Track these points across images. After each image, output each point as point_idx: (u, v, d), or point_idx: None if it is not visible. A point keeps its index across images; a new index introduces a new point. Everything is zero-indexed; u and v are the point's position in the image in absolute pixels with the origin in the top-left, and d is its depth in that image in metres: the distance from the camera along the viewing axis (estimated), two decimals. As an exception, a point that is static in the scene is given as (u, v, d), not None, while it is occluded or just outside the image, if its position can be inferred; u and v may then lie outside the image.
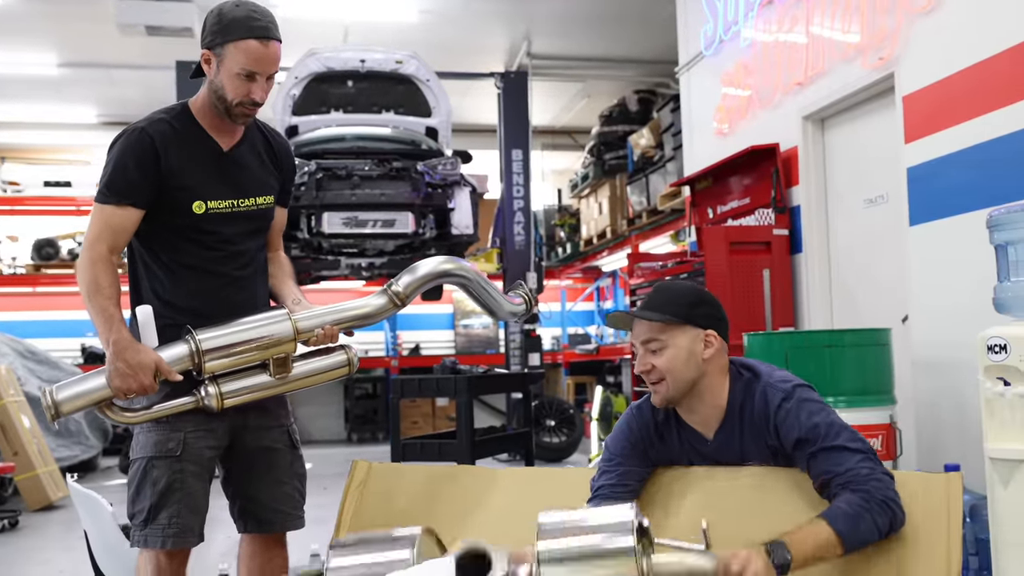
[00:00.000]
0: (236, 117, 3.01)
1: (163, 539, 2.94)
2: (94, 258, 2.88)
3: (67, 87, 13.15)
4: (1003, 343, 3.57)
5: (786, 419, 2.61)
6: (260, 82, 2.95)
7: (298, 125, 9.83)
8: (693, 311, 2.71)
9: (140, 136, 2.95)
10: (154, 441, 2.99)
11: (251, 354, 2.94)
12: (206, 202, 3.00)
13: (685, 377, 2.67)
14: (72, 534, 6.66)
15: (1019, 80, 4.71)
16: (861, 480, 2.42)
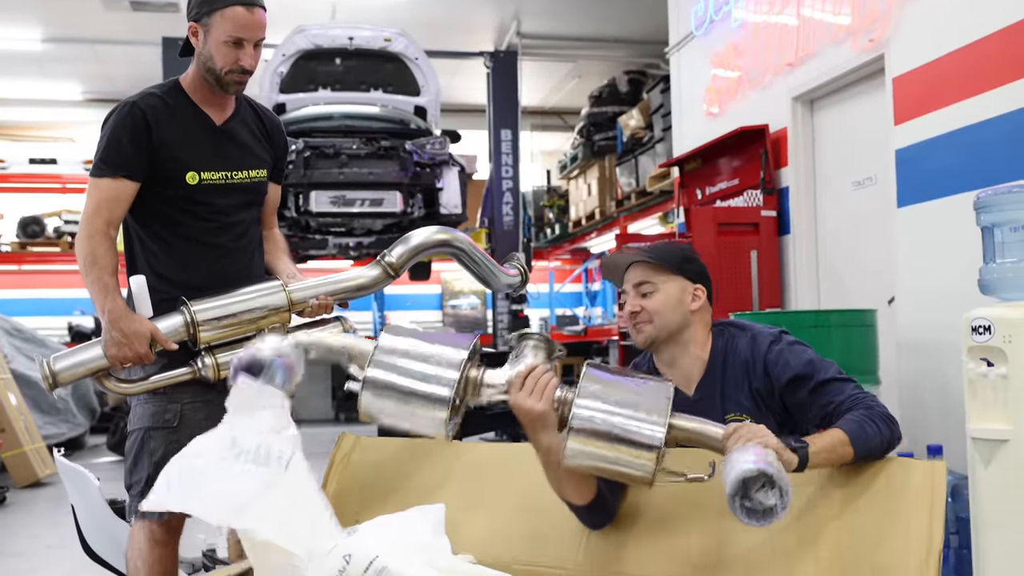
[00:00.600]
0: (228, 86, 3.03)
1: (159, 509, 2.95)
2: (91, 232, 2.91)
3: (51, 63, 13.07)
4: (987, 324, 3.59)
5: (778, 359, 2.68)
6: (248, 49, 2.99)
7: (285, 103, 9.79)
8: (685, 264, 2.82)
9: (132, 110, 2.98)
10: (151, 412, 3.02)
11: (246, 325, 2.97)
12: (199, 173, 3.03)
13: (670, 321, 2.76)
14: (59, 510, 6.66)
15: (1009, 62, 4.72)
16: (860, 402, 2.51)
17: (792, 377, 2.64)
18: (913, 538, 2.29)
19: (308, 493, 2.12)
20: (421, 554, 2.02)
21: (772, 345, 2.71)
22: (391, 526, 2.13)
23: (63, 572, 4.98)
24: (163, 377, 2.97)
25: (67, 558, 5.16)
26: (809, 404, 2.63)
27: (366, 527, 2.11)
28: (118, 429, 9.24)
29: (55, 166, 15.36)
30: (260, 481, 2.06)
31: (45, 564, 5.23)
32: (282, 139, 3.34)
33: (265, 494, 2.04)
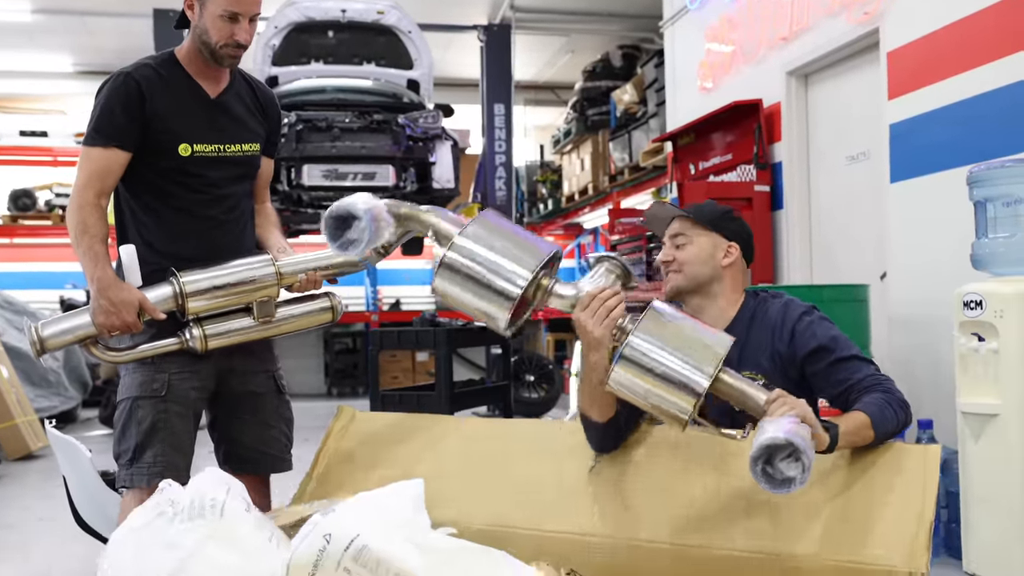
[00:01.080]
0: (222, 60, 3.03)
1: (148, 477, 2.95)
2: (82, 203, 2.92)
3: (42, 34, 12.98)
4: (979, 299, 3.60)
5: (807, 328, 2.74)
6: (243, 23, 2.99)
7: (278, 76, 9.74)
8: (721, 221, 2.90)
9: (126, 80, 2.98)
10: (139, 382, 3.02)
11: (234, 297, 2.97)
12: (192, 145, 3.03)
13: (699, 273, 2.85)
14: (51, 482, 6.66)
15: (1004, 36, 4.71)
16: (879, 384, 2.58)
17: (816, 347, 2.70)
18: (905, 514, 2.30)
19: (247, 531, 2.15)
20: (401, 531, 2.02)
21: (804, 315, 2.78)
22: (371, 503, 2.13)
23: (55, 544, 4.99)
24: (151, 347, 2.97)
25: (59, 530, 5.16)
26: (827, 377, 2.68)
27: (346, 505, 2.11)
28: (110, 402, 9.23)
29: (46, 139, 15.29)
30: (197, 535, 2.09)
31: (37, 536, 5.24)
32: (276, 113, 3.33)
33: (204, 546, 2.07)
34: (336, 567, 1.95)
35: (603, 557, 2.50)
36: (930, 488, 2.33)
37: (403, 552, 1.96)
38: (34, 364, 9.18)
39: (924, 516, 2.27)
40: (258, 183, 3.30)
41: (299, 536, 2.04)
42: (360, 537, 1.96)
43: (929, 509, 2.28)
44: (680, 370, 2.25)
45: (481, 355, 11.98)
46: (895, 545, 2.24)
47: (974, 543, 3.68)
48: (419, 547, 1.99)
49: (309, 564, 1.97)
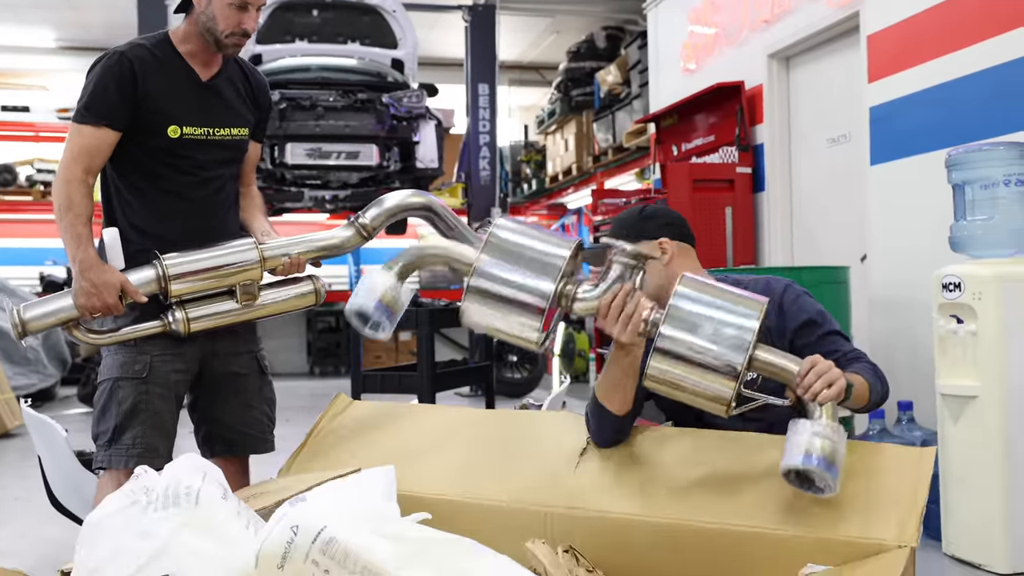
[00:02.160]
0: (226, 47, 3.05)
1: (127, 459, 2.95)
2: (68, 178, 2.91)
3: (25, 9, 12.87)
4: (957, 281, 3.62)
5: (795, 302, 2.77)
6: (251, 12, 3.01)
7: (262, 54, 9.70)
8: (641, 226, 2.88)
9: (120, 59, 2.97)
10: (120, 363, 3.01)
11: (216, 280, 2.97)
12: (181, 127, 3.03)
13: (651, 284, 2.81)
14: (27, 462, 6.63)
15: (983, 20, 4.72)
16: (861, 357, 2.67)
17: (806, 320, 2.73)
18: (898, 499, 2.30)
19: (224, 519, 2.14)
20: (369, 522, 2.01)
21: (789, 289, 2.81)
22: (340, 493, 2.13)
23: (30, 524, 4.97)
24: (133, 329, 2.97)
25: (34, 510, 5.15)
26: (817, 348, 2.66)
27: (315, 494, 2.10)
28: (89, 380, 9.21)
29: (28, 114, 15.17)
30: (173, 523, 2.08)
31: (12, 516, 5.22)
32: (266, 99, 3.35)
33: (180, 534, 2.07)
34: (304, 559, 1.94)
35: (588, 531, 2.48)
36: (923, 482, 2.34)
37: (370, 543, 1.95)
38: (13, 342, 9.13)
39: (916, 502, 2.28)
40: (245, 167, 3.30)
41: (267, 526, 2.03)
42: (327, 529, 1.95)
43: (921, 497, 2.29)
44: (716, 353, 2.27)
45: (464, 335, 11.98)
46: (886, 522, 2.25)
47: (953, 524, 3.72)
48: (387, 538, 1.98)
49: (278, 556, 1.96)
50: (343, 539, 1.95)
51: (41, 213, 14.12)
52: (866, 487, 2.35)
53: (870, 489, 2.34)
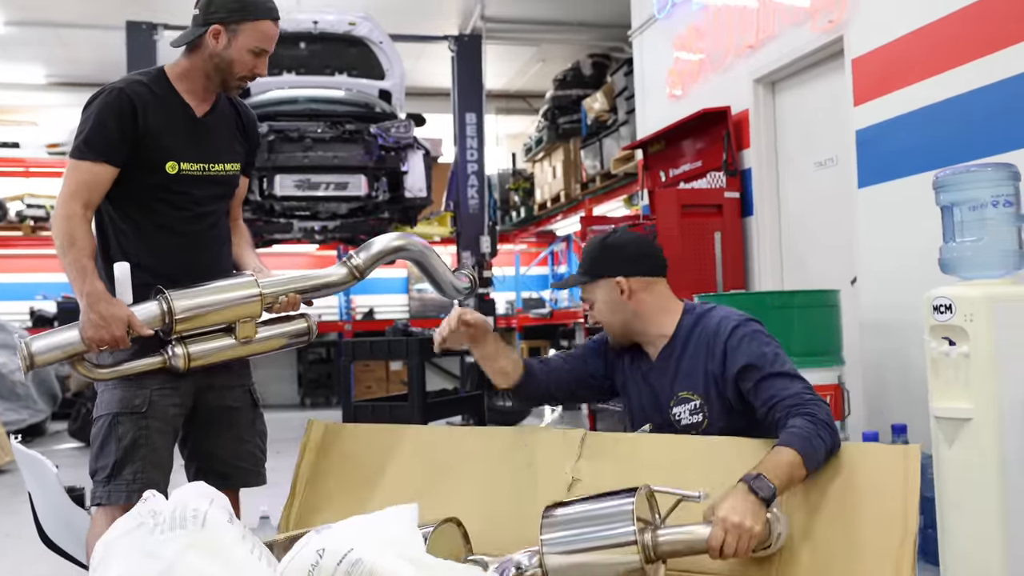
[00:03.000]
0: (232, 88, 3.12)
1: (127, 494, 2.93)
2: (68, 214, 2.92)
3: (15, 46, 12.89)
4: (948, 303, 3.62)
5: (739, 345, 2.72)
6: (265, 58, 3.09)
7: (250, 87, 9.70)
8: (598, 264, 2.93)
9: (120, 95, 2.98)
10: (119, 397, 3.00)
11: (219, 316, 2.99)
12: (179, 163, 3.05)
13: (615, 321, 2.91)
14: (17, 498, 6.59)
15: (967, 42, 4.75)
16: (805, 404, 2.53)
17: (744, 365, 2.69)
18: (888, 522, 2.31)
19: (230, 537, 2.13)
20: (394, 547, 2.02)
21: (736, 330, 2.76)
22: (365, 523, 2.14)
23: (20, 561, 4.93)
24: (135, 365, 2.96)
25: (24, 547, 5.10)
26: (756, 394, 2.66)
27: (339, 525, 2.12)
28: (80, 415, 9.16)
29: (18, 150, 15.14)
30: (179, 544, 2.07)
31: (2, 552, 5.18)
32: (256, 135, 3.38)
33: (185, 555, 2.06)
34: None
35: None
36: (912, 493, 2.33)
37: (396, 567, 1.96)
38: (3, 377, 9.10)
39: (908, 526, 2.27)
40: (233, 200, 3.32)
41: (291, 552, 2.04)
42: (353, 551, 1.96)
43: (912, 518, 2.28)
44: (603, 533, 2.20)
45: (455, 364, 11.96)
46: (880, 560, 2.25)
47: (950, 549, 3.69)
48: (412, 563, 1.99)
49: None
50: (369, 561, 1.95)
51: (32, 248, 14.06)
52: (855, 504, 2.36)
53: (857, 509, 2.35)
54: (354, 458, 3.09)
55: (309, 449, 3.15)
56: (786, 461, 2.34)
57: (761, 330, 2.78)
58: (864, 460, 2.46)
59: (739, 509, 2.20)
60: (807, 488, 2.43)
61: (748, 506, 2.21)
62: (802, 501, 2.41)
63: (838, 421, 4.79)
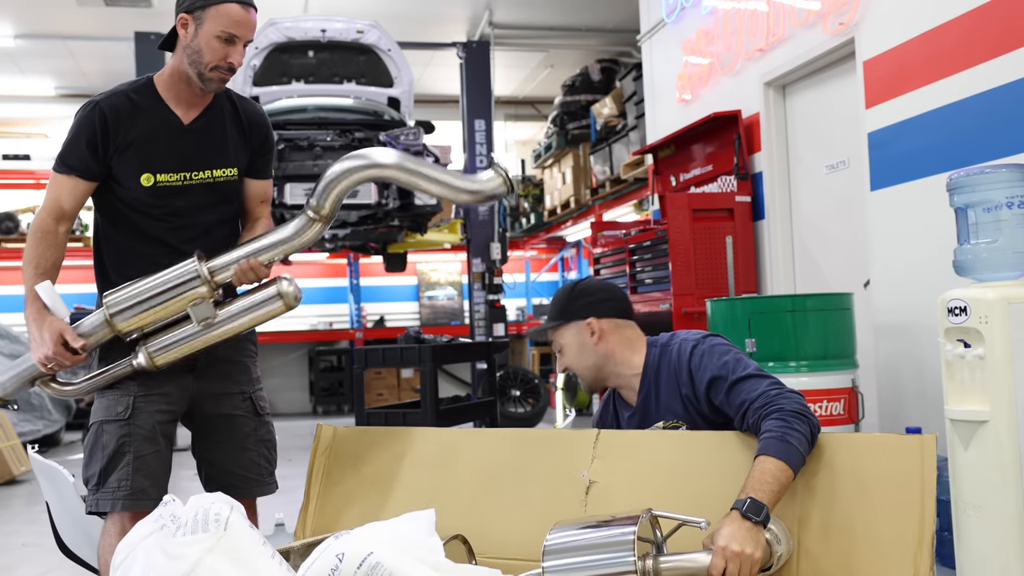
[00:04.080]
0: (209, 82, 3.00)
1: (113, 501, 2.94)
2: (35, 227, 2.96)
3: (24, 59, 12.96)
4: (963, 305, 3.60)
5: (700, 363, 2.76)
6: (238, 47, 2.99)
7: (259, 96, 9.74)
8: (568, 308, 2.97)
9: (93, 111, 2.97)
10: (104, 406, 3.01)
11: (162, 307, 2.91)
12: (155, 175, 3.00)
13: (586, 364, 2.95)
14: (34, 507, 6.62)
15: (978, 43, 4.74)
16: (773, 399, 2.54)
17: (710, 379, 2.72)
18: (906, 513, 2.31)
19: (252, 544, 2.14)
20: (414, 551, 2.02)
21: (695, 350, 2.80)
22: (384, 528, 2.15)
23: (39, 570, 4.94)
24: (102, 375, 2.98)
25: (42, 555, 5.13)
26: (728, 404, 2.68)
27: (358, 530, 2.12)
28: (93, 426, 9.17)
29: (28, 162, 15.22)
30: (200, 547, 2.08)
31: (20, 562, 5.19)
32: (261, 131, 3.24)
33: (205, 558, 2.06)
34: None
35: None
36: (928, 486, 2.33)
37: (415, 570, 1.96)
38: (16, 389, 9.11)
39: (924, 526, 2.27)
40: (248, 203, 3.25)
41: (311, 557, 2.05)
42: (373, 555, 1.98)
43: (930, 514, 2.28)
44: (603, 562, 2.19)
45: (467, 371, 11.98)
46: (897, 564, 2.25)
47: (966, 552, 3.68)
48: (431, 567, 1.99)
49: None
50: (389, 565, 1.96)
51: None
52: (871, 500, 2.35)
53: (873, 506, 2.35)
54: (365, 462, 3.09)
55: (319, 454, 3.15)
56: (770, 472, 2.35)
57: (719, 343, 2.81)
58: (880, 451, 2.45)
59: (738, 537, 2.21)
60: (823, 481, 2.44)
61: (744, 532, 2.22)
62: (818, 494, 2.41)
63: (852, 425, 4.78)
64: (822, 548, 2.39)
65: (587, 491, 2.72)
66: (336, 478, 3.07)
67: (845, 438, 2.51)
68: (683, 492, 2.59)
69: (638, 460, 2.73)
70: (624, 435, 2.81)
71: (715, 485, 2.56)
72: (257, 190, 3.26)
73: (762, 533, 2.24)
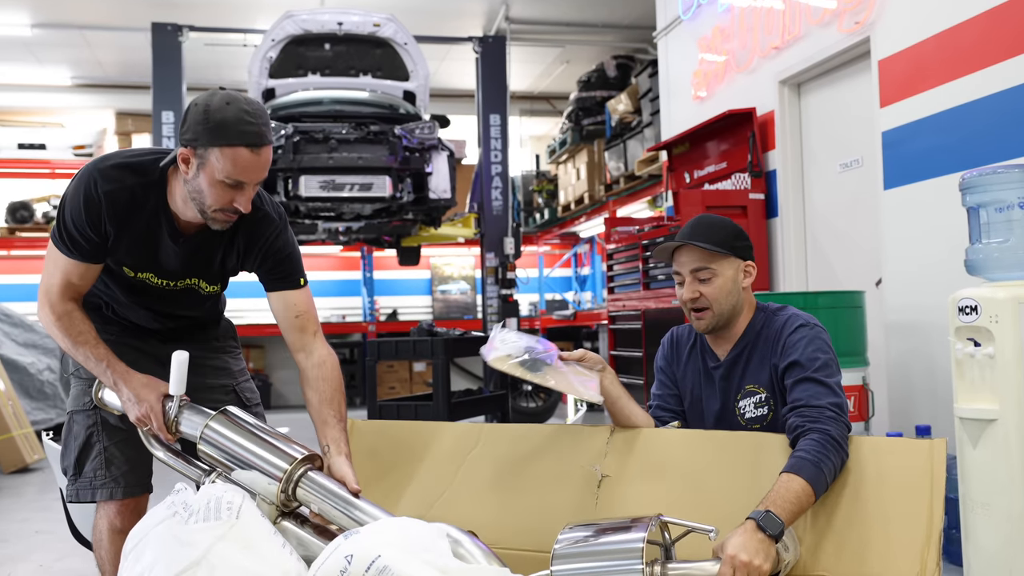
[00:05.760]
0: (213, 221, 2.71)
1: (92, 491, 2.94)
2: (59, 313, 2.80)
3: (41, 48, 13.01)
4: (974, 304, 3.61)
5: (796, 342, 2.74)
6: (246, 190, 2.65)
7: (275, 88, 9.78)
8: (736, 243, 2.89)
9: (90, 195, 2.69)
10: (74, 396, 3.01)
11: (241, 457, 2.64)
12: (137, 273, 2.86)
13: (728, 304, 2.86)
14: (47, 495, 6.66)
15: (994, 44, 4.74)
16: (825, 419, 2.52)
17: (791, 362, 2.71)
18: (914, 516, 2.32)
19: (263, 533, 2.16)
20: (421, 555, 2.04)
21: (799, 329, 2.78)
22: (392, 528, 2.16)
23: (52, 556, 4.98)
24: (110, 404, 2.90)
25: (56, 542, 5.16)
26: (790, 391, 2.68)
27: (366, 530, 2.14)
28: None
29: (44, 151, 15.29)
30: (212, 534, 2.09)
31: (34, 548, 5.23)
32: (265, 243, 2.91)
33: (217, 545, 2.08)
34: None
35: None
36: (938, 489, 2.35)
37: (423, 574, 1.98)
38: (31, 377, 9.18)
39: (933, 524, 2.29)
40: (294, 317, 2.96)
41: (320, 558, 2.07)
42: (381, 558, 1.99)
43: (938, 515, 2.30)
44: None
45: (479, 364, 11.98)
46: (905, 559, 2.26)
47: (975, 550, 3.69)
48: (440, 569, 2.01)
49: None
50: (396, 568, 1.97)
51: (57, 249, 14.20)
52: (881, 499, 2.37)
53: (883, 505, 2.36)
54: (380, 454, 3.11)
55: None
56: (794, 492, 2.35)
57: (824, 339, 2.77)
58: (890, 454, 2.47)
59: (748, 548, 2.21)
60: (835, 481, 2.45)
61: (756, 544, 2.23)
62: (828, 495, 2.43)
63: (862, 422, 4.79)
64: (831, 546, 2.40)
65: (599, 484, 2.73)
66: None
67: (857, 441, 2.52)
68: (694, 489, 2.61)
69: (651, 456, 2.75)
70: (638, 432, 2.83)
71: (726, 483, 2.58)
72: (297, 301, 2.97)
73: (773, 546, 2.25)
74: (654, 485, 2.68)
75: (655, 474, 2.69)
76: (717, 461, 2.63)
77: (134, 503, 2.99)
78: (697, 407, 3.01)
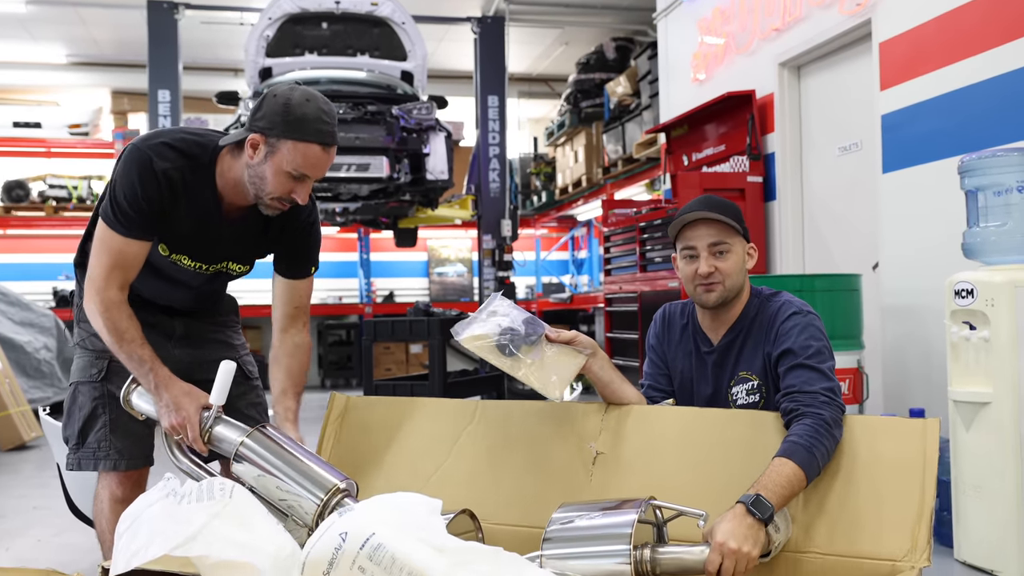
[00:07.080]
0: (266, 208, 2.80)
1: (94, 461, 2.96)
2: (107, 304, 2.76)
3: (35, 25, 12.95)
4: (970, 288, 3.62)
5: (789, 330, 2.72)
6: (307, 184, 2.76)
7: (272, 67, 9.74)
8: (742, 225, 2.89)
9: (150, 173, 2.72)
10: (80, 367, 3.03)
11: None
12: (173, 253, 2.89)
13: (737, 281, 2.85)
14: (45, 472, 6.67)
15: (993, 27, 4.73)
16: (819, 403, 2.50)
17: (785, 349, 2.70)
18: (906, 495, 2.33)
19: (256, 512, 2.17)
20: (416, 532, 2.04)
21: (792, 316, 2.76)
22: (387, 505, 2.16)
23: (50, 532, 4.99)
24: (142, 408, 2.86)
25: (54, 518, 5.18)
26: (784, 378, 2.66)
27: (361, 506, 2.14)
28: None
29: (39, 130, 15.23)
30: (207, 512, 2.10)
31: (32, 524, 5.24)
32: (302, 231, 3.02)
33: (212, 522, 2.09)
34: (351, 565, 1.98)
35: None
36: (930, 469, 2.35)
37: (417, 551, 1.98)
38: (28, 355, 9.18)
39: (924, 502, 2.29)
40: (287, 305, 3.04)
41: (315, 535, 2.07)
42: (375, 536, 1.99)
43: (930, 494, 2.31)
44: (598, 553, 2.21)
45: (475, 346, 11.98)
46: (896, 537, 2.27)
47: (965, 532, 3.71)
48: (434, 547, 2.01)
49: (324, 562, 2.00)
50: (390, 546, 1.98)
51: (54, 228, 14.18)
52: (872, 478, 2.37)
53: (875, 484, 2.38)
54: (377, 431, 3.11)
55: (331, 422, 3.16)
56: (786, 477, 2.34)
57: (817, 326, 2.75)
58: (884, 433, 2.47)
59: (737, 534, 2.20)
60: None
61: (745, 530, 2.22)
62: (821, 474, 2.43)
63: (856, 404, 4.80)
64: (823, 525, 2.41)
65: (593, 461, 2.74)
66: (347, 446, 3.09)
67: (851, 420, 2.52)
68: (689, 467, 2.61)
69: (645, 433, 2.75)
70: (632, 409, 2.83)
71: (720, 461, 2.59)
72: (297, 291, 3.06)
73: (762, 531, 2.24)
74: (649, 462, 2.68)
75: (650, 452, 2.69)
76: (713, 439, 2.63)
77: (136, 474, 3.02)
78: (687, 389, 3.00)
